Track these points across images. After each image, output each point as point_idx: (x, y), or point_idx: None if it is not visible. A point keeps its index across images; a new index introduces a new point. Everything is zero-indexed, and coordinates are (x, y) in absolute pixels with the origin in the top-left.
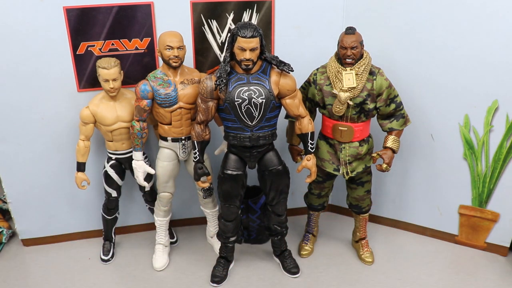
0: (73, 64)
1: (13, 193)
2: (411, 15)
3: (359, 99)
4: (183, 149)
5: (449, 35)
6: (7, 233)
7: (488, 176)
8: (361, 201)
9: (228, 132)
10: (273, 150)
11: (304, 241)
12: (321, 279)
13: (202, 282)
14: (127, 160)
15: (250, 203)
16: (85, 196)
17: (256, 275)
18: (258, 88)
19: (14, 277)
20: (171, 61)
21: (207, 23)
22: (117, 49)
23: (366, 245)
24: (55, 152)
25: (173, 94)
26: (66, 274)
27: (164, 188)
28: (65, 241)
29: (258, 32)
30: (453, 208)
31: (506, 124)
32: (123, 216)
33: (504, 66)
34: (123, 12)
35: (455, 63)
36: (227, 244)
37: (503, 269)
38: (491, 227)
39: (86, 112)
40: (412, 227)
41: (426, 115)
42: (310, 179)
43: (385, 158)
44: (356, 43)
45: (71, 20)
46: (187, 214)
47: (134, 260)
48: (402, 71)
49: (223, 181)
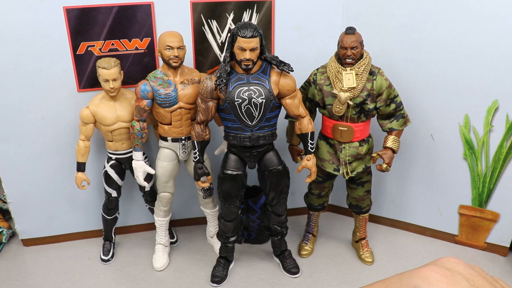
0: (73, 64)
1: (13, 193)
2: (411, 15)
3: (359, 99)
4: (183, 149)
5: (449, 35)
6: (7, 233)
7: (488, 176)
8: (361, 201)
9: (228, 132)
10: (273, 150)
11: (304, 241)
12: (321, 279)
13: (202, 282)
14: (127, 160)
15: (250, 203)
16: (85, 196)
17: (256, 275)
18: (258, 88)
19: (14, 277)
20: (171, 61)
21: (207, 23)
22: (117, 49)
23: (366, 245)
24: (55, 152)
25: (173, 94)
26: (66, 274)
27: (164, 188)
28: (65, 241)
29: (258, 32)
30: (453, 208)
31: (506, 124)
32: (123, 216)
33: (504, 66)
34: (123, 12)
35: (455, 63)
36: (227, 244)
37: (503, 269)
38: (491, 227)
39: (86, 112)
40: (412, 227)
41: (426, 115)
42: (310, 179)
43: (385, 158)
44: (356, 43)
45: (71, 20)
46: (187, 214)
47: (134, 260)
48: (402, 71)
49: (223, 181)
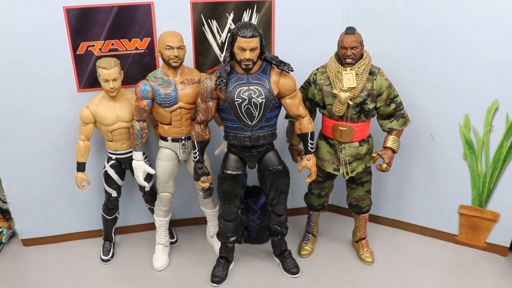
0: (73, 64)
1: (13, 193)
2: (411, 15)
3: (359, 99)
4: (183, 149)
5: (449, 35)
6: (7, 233)
7: (488, 176)
8: (361, 201)
9: (228, 132)
10: (273, 150)
11: (304, 241)
12: (321, 279)
13: (202, 282)
14: (127, 160)
15: (250, 203)
16: (85, 196)
17: (256, 275)
18: (258, 88)
19: (14, 277)
20: (171, 61)
21: (207, 23)
22: (117, 49)
23: (366, 245)
24: (55, 152)
25: (173, 94)
26: (66, 274)
27: (164, 188)
28: (65, 241)
29: (258, 32)
30: (453, 208)
31: (506, 124)
32: (123, 216)
33: (504, 66)
34: (123, 12)
35: (455, 63)
36: (227, 244)
37: (503, 269)
38: (491, 227)
39: (86, 112)
40: (412, 227)
41: (426, 115)
42: (310, 179)
43: (385, 158)
44: (356, 43)
45: (71, 20)
46: (187, 214)
47: (134, 260)
48: (402, 71)
49: (223, 181)
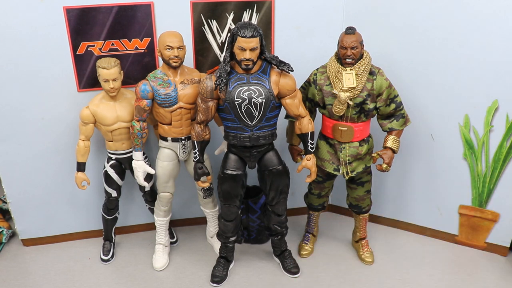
0: (73, 64)
1: (13, 193)
2: (411, 15)
3: (359, 99)
4: (183, 149)
5: (449, 35)
6: (7, 233)
7: (488, 176)
8: (361, 201)
9: (228, 132)
10: (273, 150)
11: (304, 241)
12: (321, 279)
13: (202, 282)
14: (127, 160)
15: (250, 203)
16: (85, 196)
17: (256, 275)
18: (258, 88)
19: (14, 277)
20: (171, 61)
21: (207, 23)
22: (117, 49)
23: (366, 245)
24: (55, 152)
25: (173, 94)
26: (66, 274)
27: (164, 188)
28: (65, 241)
29: (258, 32)
30: (453, 208)
31: (506, 124)
32: (123, 216)
33: (504, 66)
34: (123, 12)
35: (455, 63)
36: (227, 244)
37: (503, 269)
38: (491, 227)
39: (86, 112)
40: (412, 227)
41: (426, 115)
42: (310, 179)
43: (385, 158)
44: (356, 43)
45: (71, 20)
46: (187, 214)
47: (134, 260)
48: (402, 71)
49: (223, 181)
